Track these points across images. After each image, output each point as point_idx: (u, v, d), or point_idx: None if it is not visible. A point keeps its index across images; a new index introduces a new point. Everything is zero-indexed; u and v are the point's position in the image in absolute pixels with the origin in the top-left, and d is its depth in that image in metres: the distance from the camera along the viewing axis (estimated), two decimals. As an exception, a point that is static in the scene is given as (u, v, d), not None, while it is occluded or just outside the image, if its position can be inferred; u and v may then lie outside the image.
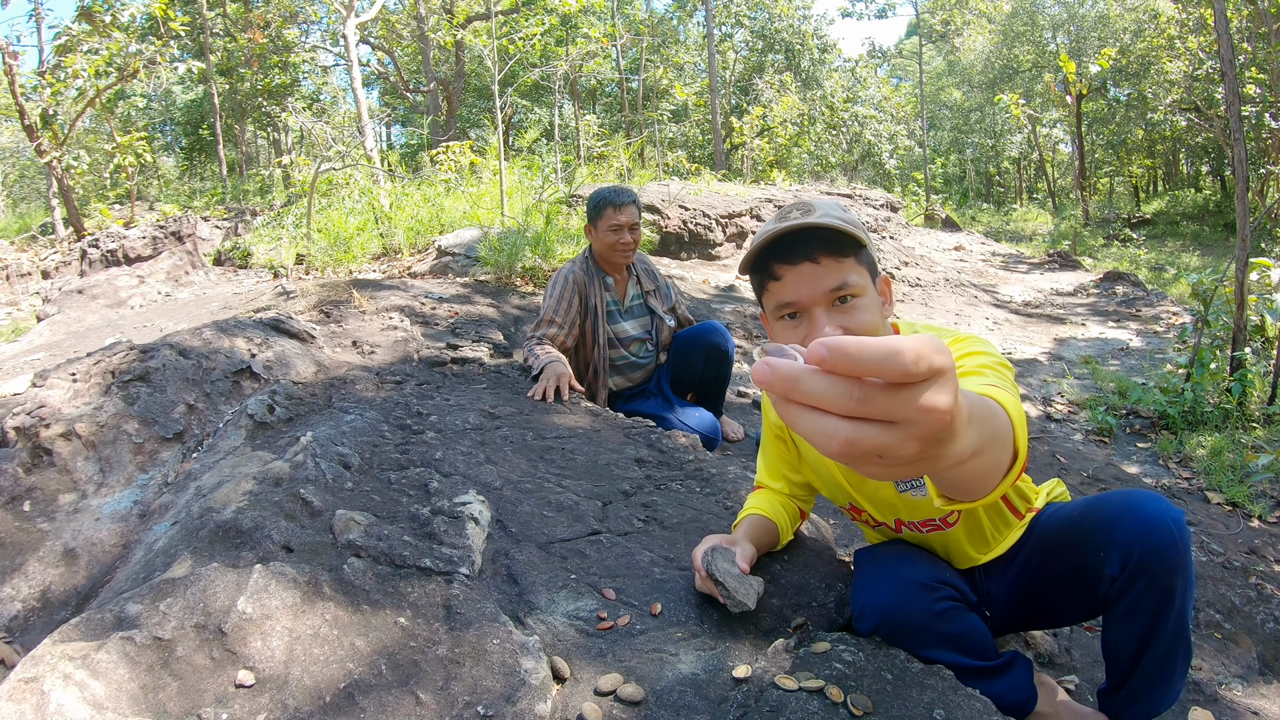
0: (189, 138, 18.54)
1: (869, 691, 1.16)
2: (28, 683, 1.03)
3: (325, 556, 1.41)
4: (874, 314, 1.20)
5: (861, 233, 1.22)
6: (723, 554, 1.39)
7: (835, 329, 1.17)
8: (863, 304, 1.19)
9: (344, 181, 7.81)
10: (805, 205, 1.23)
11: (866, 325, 1.18)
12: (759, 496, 1.59)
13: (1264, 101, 9.45)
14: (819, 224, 1.17)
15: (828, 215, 1.20)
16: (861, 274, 1.21)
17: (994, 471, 0.79)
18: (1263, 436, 3.73)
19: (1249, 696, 1.91)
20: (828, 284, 1.18)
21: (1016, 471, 0.83)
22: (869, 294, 1.21)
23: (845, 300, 1.18)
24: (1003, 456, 0.79)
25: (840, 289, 1.18)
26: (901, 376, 0.52)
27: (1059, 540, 1.37)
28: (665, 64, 18.55)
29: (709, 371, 3.10)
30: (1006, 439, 0.79)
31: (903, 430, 0.53)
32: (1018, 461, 0.83)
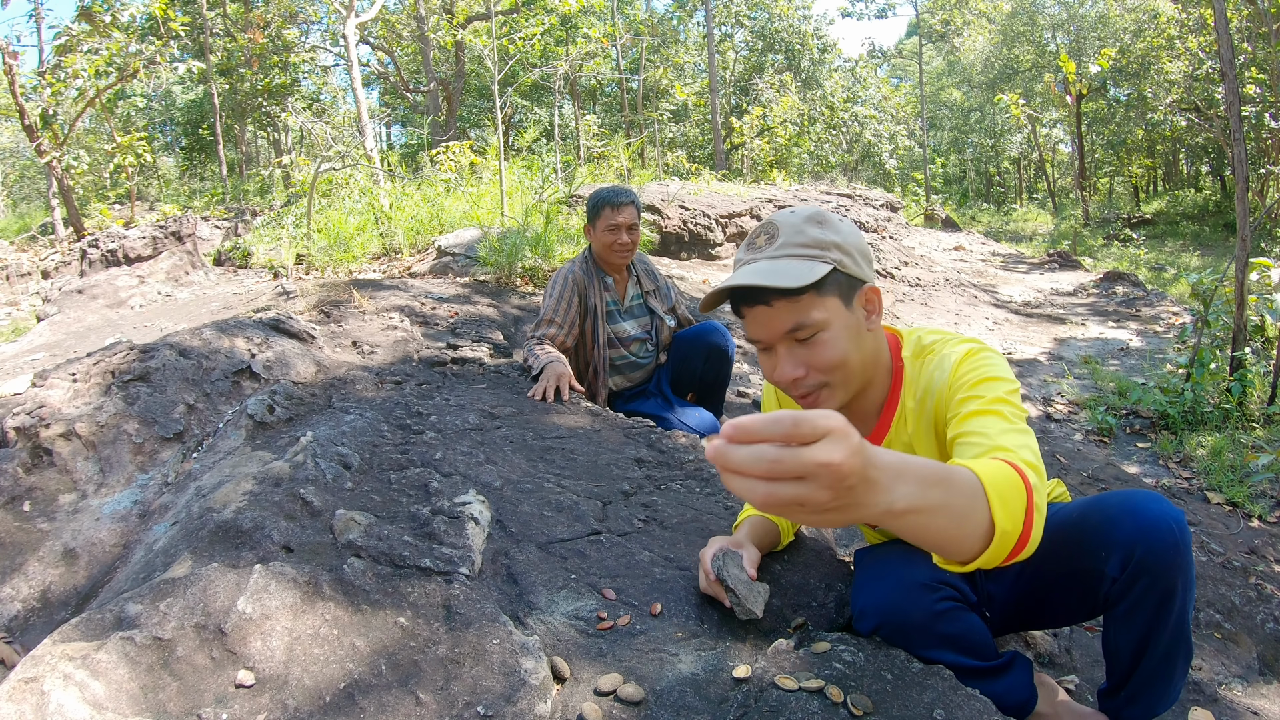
0: (189, 138, 18.54)
1: (869, 691, 1.16)
2: (28, 683, 1.03)
3: (325, 556, 1.41)
4: (839, 343, 1.21)
5: (818, 264, 1.18)
6: (733, 559, 1.38)
7: (796, 365, 1.21)
8: (824, 337, 1.20)
9: (344, 181, 7.81)
10: (771, 230, 1.23)
11: (827, 358, 1.20)
12: None
13: (1264, 101, 9.45)
14: (752, 285, 1.17)
15: (784, 252, 1.20)
16: (823, 307, 1.19)
17: (960, 537, 0.87)
18: (1263, 436, 3.73)
19: (1249, 696, 1.91)
20: (782, 326, 1.20)
21: (1000, 547, 0.88)
22: (834, 324, 1.20)
23: (807, 336, 1.20)
24: (966, 526, 0.86)
25: (796, 330, 1.20)
26: (786, 439, 0.66)
27: (1059, 541, 1.37)
28: (665, 64, 18.55)
29: (709, 371, 3.10)
30: (968, 510, 0.86)
31: (810, 483, 0.67)
32: (995, 536, 0.88)
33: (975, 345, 1.25)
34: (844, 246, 1.22)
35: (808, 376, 1.23)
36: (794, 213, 1.25)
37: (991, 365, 1.22)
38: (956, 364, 1.24)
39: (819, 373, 1.23)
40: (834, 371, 1.22)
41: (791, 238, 1.21)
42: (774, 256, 1.21)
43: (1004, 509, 0.89)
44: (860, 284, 1.24)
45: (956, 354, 1.25)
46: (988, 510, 0.87)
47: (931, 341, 1.33)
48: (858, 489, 0.71)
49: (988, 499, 0.88)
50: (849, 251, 1.22)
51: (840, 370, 1.23)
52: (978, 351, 1.23)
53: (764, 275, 1.17)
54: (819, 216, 1.24)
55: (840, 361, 1.22)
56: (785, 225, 1.22)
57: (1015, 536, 0.91)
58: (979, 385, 1.19)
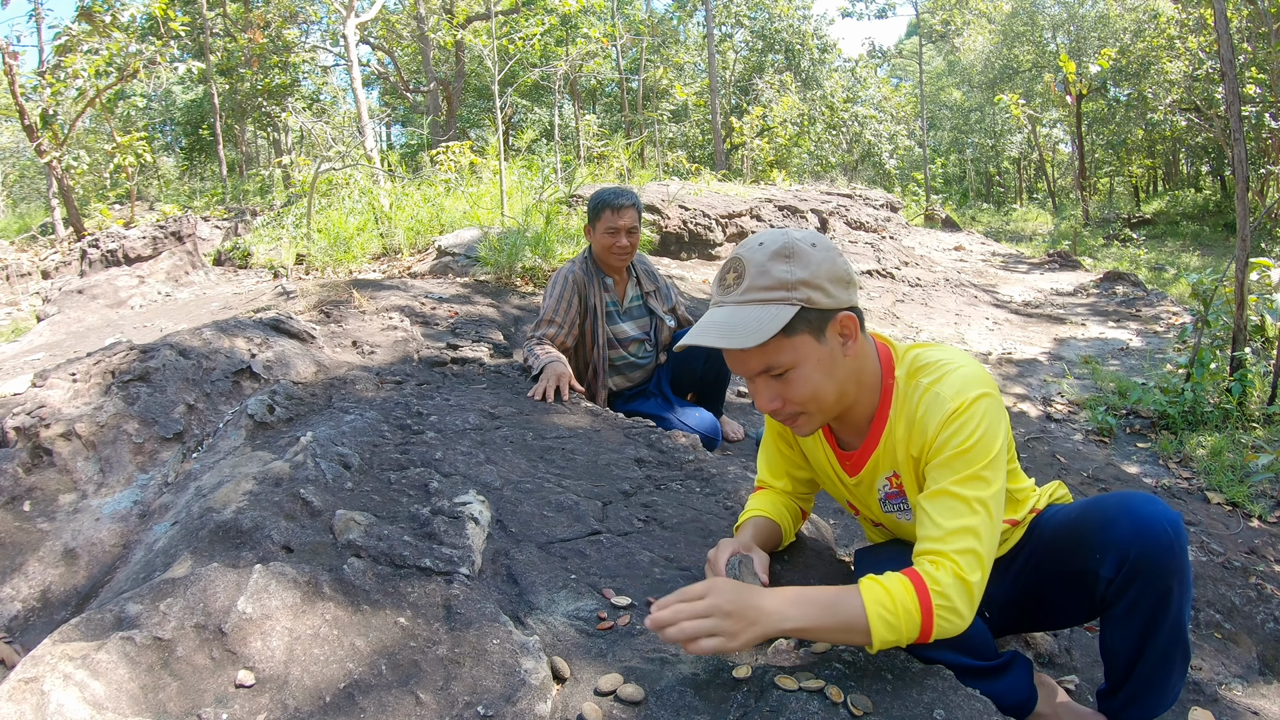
0: (189, 138, 18.54)
1: (869, 691, 1.16)
2: (28, 683, 1.03)
3: (325, 556, 1.41)
4: (811, 378, 1.22)
5: (783, 308, 1.17)
6: (748, 565, 1.36)
7: (772, 398, 1.25)
8: (795, 375, 1.22)
9: (344, 181, 7.81)
10: (739, 268, 1.21)
11: (800, 393, 1.23)
12: (761, 497, 1.58)
13: (1264, 101, 9.45)
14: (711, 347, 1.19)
15: (748, 297, 1.19)
16: (791, 347, 1.19)
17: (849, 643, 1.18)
18: (1263, 436, 3.73)
19: (1249, 696, 1.91)
20: (753, 368, 1.22)
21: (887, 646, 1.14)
22: (805, 361, 1.21)
23: (779, 374, 1.22)
24: (851, 638, 1.15)
25: (767, 370, 1.22)
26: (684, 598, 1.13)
27: (1057, 542, 1.37)
28: (665, 64, 18.55)
29: (709, 372, 3.10)
30: (851, 629, 1.13)
31: (713, 618, 1.09)
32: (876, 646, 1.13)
33: (966, 399, 1.20)
34: (812, 281, 1.18)
35: (785, 407, 1.26)
36: (761, 246, 1.21)
37: (975, 432, 1.19)
38: (944, 421, 1.20)
39: (794, 404, 1.25)
40: (808, 403, 1.25)
41: (756, 279, 1.19)
42: (738, 302, 1.20)
43: (887, 630, 1.12)
44: (833, 314, 1.21)
45: (947, 408, 1.20)
46: (869, 634, 1.12)
47: (927, 363, 1.28)
48: (748, 613, 1.10)
49: (869, 625, 1.12)
50: (819, 285, 1.19)
51: (814, 401, 1.25)
52: (967, 408, 1.19)
53: (724, 332, 1.18)
54: (787, 249, 1.19)
55: (813, 395, 1.23)
56: (751, 264, 1.19)
57: (904, 643, 1.15)
58: (958, 457, 1.19)
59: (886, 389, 1.31)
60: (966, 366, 1.25)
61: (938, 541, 1.17)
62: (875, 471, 1.37)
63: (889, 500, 1.38)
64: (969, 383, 1.22)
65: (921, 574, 1.16)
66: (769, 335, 1.16)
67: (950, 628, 1.15)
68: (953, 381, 1.22)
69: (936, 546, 1.18)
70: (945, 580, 1.14)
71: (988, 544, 1.18)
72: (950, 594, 1.14)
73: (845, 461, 1.41)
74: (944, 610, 1.13)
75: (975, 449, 1.19)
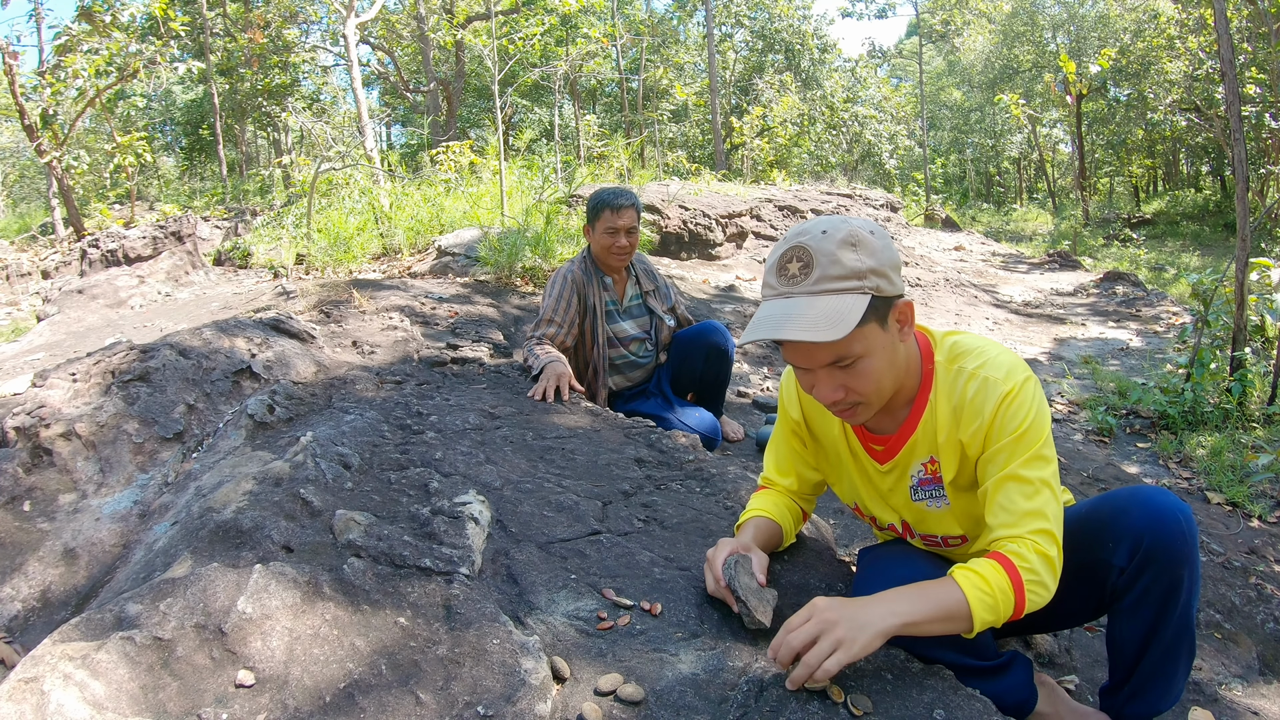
0: (189, 138, 18.54)
1: (869, 691, 1.16)
2: (28, 683, 1.03)
3: (325, 556, 1.41)
4: (876, 368, 1.21)
5: (857, 298, 1.15)
6: (744, 566, 1.35)
7: (834, 388, 1.22)
8: (864, 363, 1.20)
9: (344, 181, 7.81)
10: (805, 258, 1.17)
11: (865, 382, 1.22)
12: (763, 497, 1.57)
13: (1264, 101, 9.45)
14: (794, 340, 1.15)
15: (821, 287, 1.15)
16: (862, 337, 1.18)
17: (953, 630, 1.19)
18: (1263, 436, 3.73)
19: (1249, 696, 1.91)
20: (821, 359, 1.20)
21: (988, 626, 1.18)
22: (874, 350, 1.20)
23: (848, 364, 1.20)
24: (954, 626, 1.18)
25: (837, 361, 1.20)
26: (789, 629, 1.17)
27: (1067, 537, 1.38)
28: (665, 64, 18.55)
29: (709, 371, 3.10)
30: (954, 616, 1.16)
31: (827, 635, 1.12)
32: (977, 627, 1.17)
33: (1016, 382, 1.22)
34: (879, 269, 1.17)
35: (847, 396, 1.24)
36: (826, 235, 1.17)
37: (1030, 413, 1.22)
38: (999, 405, 1.22)
39: (856, 394, 1.23)
40: (870, 393, 1.24)
41: (828, 269, 1.16)
42: (810, 292, 1.16)
43: (987, 612, 1.16)
44: (894, 302, 1.21)
45: (999, 391, 1.22)
46: (970, 618, 1.16)
47: (967, 349, 1.29)
48: (857, 618, 1.13)
49: (971, 610, 1.16)
50: (885, 273, 1.18)
51: (876, 390, 1.24)
52: (1019, 390, 1.22)
53: (806, 325, 1.14)
54: (853, 237, 1.17)
55: (876, 383, 1.23)
56: (820, 254, 1.16)
57: (1000, 622, 1.19)
58: (1017, 443, 1.22)
59: (926, 374, 1.31)
60: (1006, 353, 1.28)
61: (1012, 526, 1.21)
62: (911, 456, 1.35)
63: (921, 487, 1.36)
64: (1015, 367, 1.25)
65: (1008, 554, 1.19)
66: (852, 327, 1.13)
67: (1039, 600, 1.19)
68: (1000, 365, 1.25)
69: (1012, 531, 1.21)
70: (1031, 557, 1.18)
71: (1056, 520, 1.22)
72: (1038, 569, 1.18)
73: (875, 448, 1.39)
74: (1033, 584, 1.18)
75: (1031, 430, 1.22)
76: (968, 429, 1.26)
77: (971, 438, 1.26)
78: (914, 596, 1.17)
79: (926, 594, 1.17)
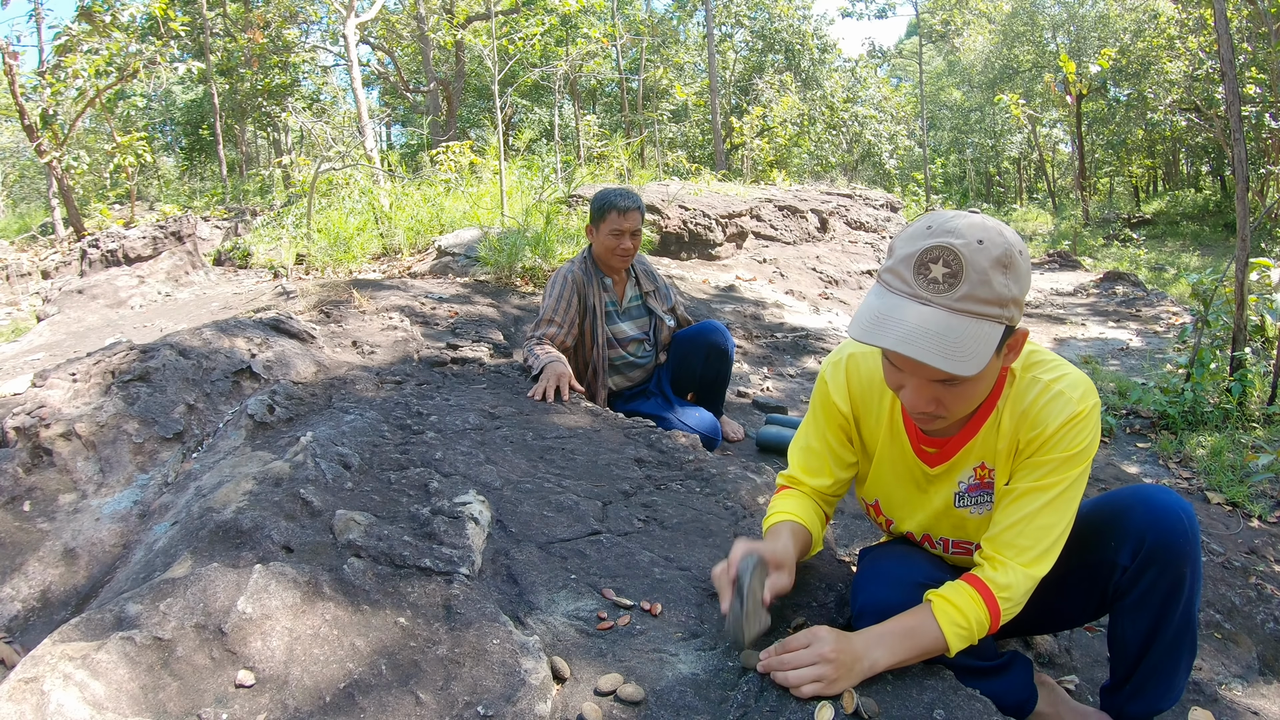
0: (189, 138, 18.53)
1: (869, 691, 1.16)
2: (28, 683, 1.03)
3: (325, 556, 1.41)
4: (978, 392, 1.17)
5: (996, 328, 1.06)
6: (762, 573, 1.28)
7: (929, 400, 1.15)
8: (968, 386, 1.14)
9: (344, 181, 7.81)
10: (955, 265, 1.05)
11: (960, 405, 1.17)
12: (791, 500, 1.47)
13: (1264, 101, 9.45)
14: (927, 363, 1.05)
15: (964, 306, 1.05)
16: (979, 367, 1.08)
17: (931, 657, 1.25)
18: (1263, 436, 3.73)
19: (1249, 696, 1.91)
20: (934, 376, 1.12)
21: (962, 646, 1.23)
22: (984, 375, 1.13)
23: (954, 385, 1.13)
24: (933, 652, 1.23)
25: (948, 382, 1.13)
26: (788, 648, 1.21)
27: (1069, 538, 1.37)
28: (665, 64, 18.54)
29: (709, 371, 3.10)
30: (931, 647, 1.21)
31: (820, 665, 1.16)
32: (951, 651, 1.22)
33: (1088, 405, 1.19)
34: (1020, 300, 1.09)
35: (937, 410, 1.17)
36: (983, 247, 1.05)
37: (1089, 439, 1.20)
38: (1066, 422, 1.19)
39: (945, 409, 1.17)
40: (958, 410, 1.19)
41: (977, 289, 1.05)
42: (951, 309, 1.06)
43: (963, 643, 1.21)
44: (1014, 330, 1.13)
45: (1072, 410, 1.19)
46: (948, 649, 1.21)
47: (1043, 360, 1.25)
48: (847, 660, 1.17)
49: (949, 644, 1.21)
50: (1021, 303, 1.10)
51: (965, 409, 1.20)
52: (1088, 414, 1.19)
53: (940, 348, 1.05)
54: (1007, 258, 1.06)
55: (970, 403, 1.19)
56: (973, 268, 1.05)
57: (976, 639, 1.23)
58: (1066, 461, 1.20)
59: (1000, 380, 1.25)
60: (1080, 373, 1.24)
61: (1015, 535, 1.23)
62: (965, 460, 1.31)
63: (969, 493, 1.32)
64: (1089, 390, 1.22)
65: (985, 581, 1.23)
66: (986, 362, 1.05)
67: (1009, 616, 1.24)
68: (1075, 383, 1.21)
69: (1015, 540, 1.23)
70: (1009, 580, 1.22)
71: (1060, 543, 1.24)
72: (1014, 591, 1.22)
73: (927, 450, 1.34)
74: (1009, 606, 1.23)
75: (1081, 454, 1.21)
76: (1027, 435, 1.23)
77: (1028, 444, 1.23)
78: (896, 639, 1.22)
79: (908, 634, 1.22)
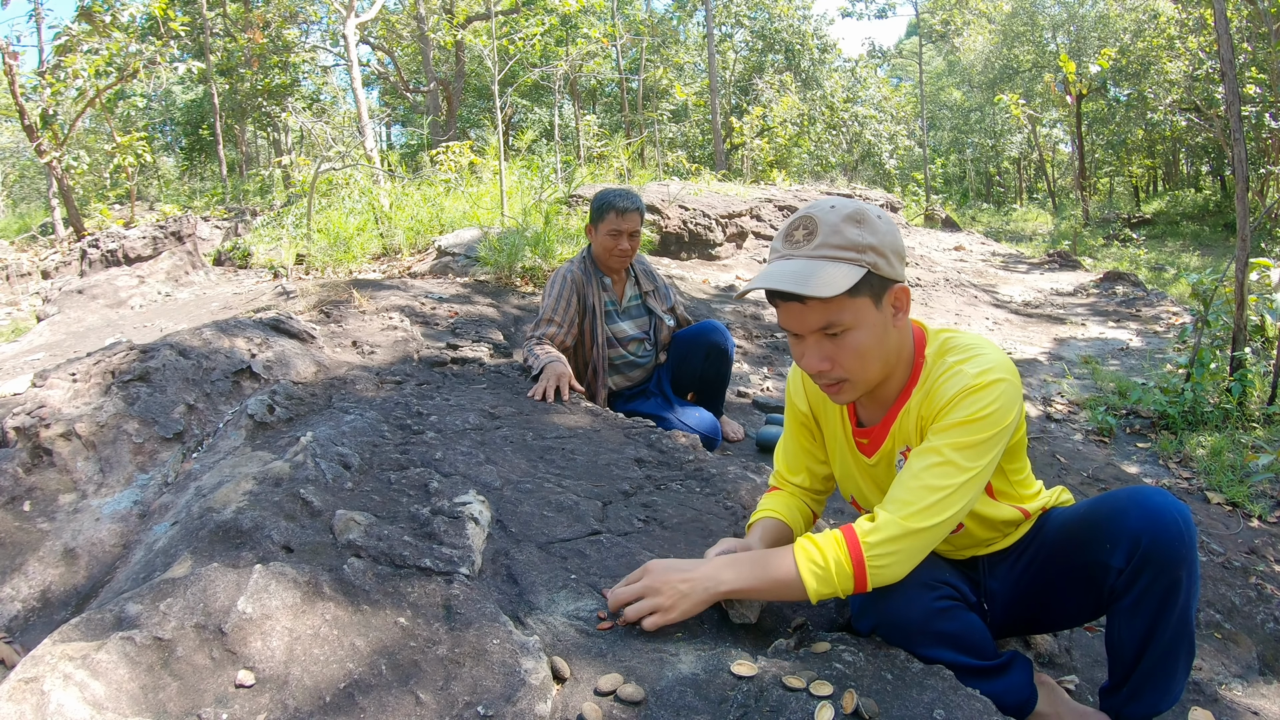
0: (189, 138, 18.52)
1: (869, 692, 1.16)
2: (28, 683, 1.03)
3: (325, 556, 1.41)
4: (864, 342, 1.24)
5: (853, 268, 1.19)
6: None
7: (821, 358, 1.26)
8: (852, 336, 1.24)
9: (344, 181, 7.81)
10: (810, 225, 1.23)
11: (852, 356, 1.25)
12: (774, 498, 1.58)
13: (1264, 101, 9.45)
14: (788, 291, 1.20)
15: (821, 253, 1.20)
16: (853, 308, 1.22)
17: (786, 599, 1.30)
18: (1263, 436, 3.73)
19: (1249, 696, 1.91)
20: (813, 323, 1.24)
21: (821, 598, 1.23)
22: (863, 324, 1.24)
23: (836, 333, 1.24)
24: (787, 595, 1.25)
25: (826, 327, 1.24)
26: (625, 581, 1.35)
27: (1065, 536, 1.37)
28: (665, 64, 18.54)
29: (709, 371, 3.10)
30: (785, 587, 1.23)
31: (650, 597, 1.27)
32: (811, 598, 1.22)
33: (987, 379, 1.23)
34: (880, 248, 1.22)
35: (832, 369, 1.27)
36: (834, 208, 1.23)
37: (988, 407, 1.21)
38: (959, 392, 1.23)
39: (841, 368, 1.27)
40: (855, 369, 1.27)
41: (829, 237, 1.21)
42: (810, 256, 1.21)
43: (820, 584, 1.21)
44: (891, 284, 1.25)
45: (965, 382, 1.23)
46: (803, 588, 1.22)
47: (957, 345, 1.31)
48: (679, 585, 1.25)
49: (801, 580, 1.22)
50: (884, 253, 1.22)
51: (861, 368, 1.27)
52: (985, 386, 1.22)
53: (799, 280, 1.19)
54: (858, 214, 1.23)
55: (862, 360, 1.26)
56: (825, 223, 1.22)
57: (841, 594, 1.23)
58: (961, 425, 1.22)
59: (916, 367, 1.34)
60: (995, 353, 1.28)
61: (906, 490, 1.22)
62: (893, 447, 1.38)
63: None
64: (995, 366, 1.25)
65: (854, 527, 1.23)
66: (841, 289, 1.18)
67: (890, 575, 1.22)
68: (981, 362, 1.26)
69: (896, 495, 1.23)
70: (877, 526, 1.21)
71: (953, 509, 1.22)
72: (880, 537, 1.21)
73: (862, 441, 1.42)
74: (875, 553, 1.21)
75: (980, 422, 1.22)
76: (928, 410, 1.29)
77: (925, 418, 1.29)
78: (744, 565, 1.24)
79: (758, 563, 1.24)
